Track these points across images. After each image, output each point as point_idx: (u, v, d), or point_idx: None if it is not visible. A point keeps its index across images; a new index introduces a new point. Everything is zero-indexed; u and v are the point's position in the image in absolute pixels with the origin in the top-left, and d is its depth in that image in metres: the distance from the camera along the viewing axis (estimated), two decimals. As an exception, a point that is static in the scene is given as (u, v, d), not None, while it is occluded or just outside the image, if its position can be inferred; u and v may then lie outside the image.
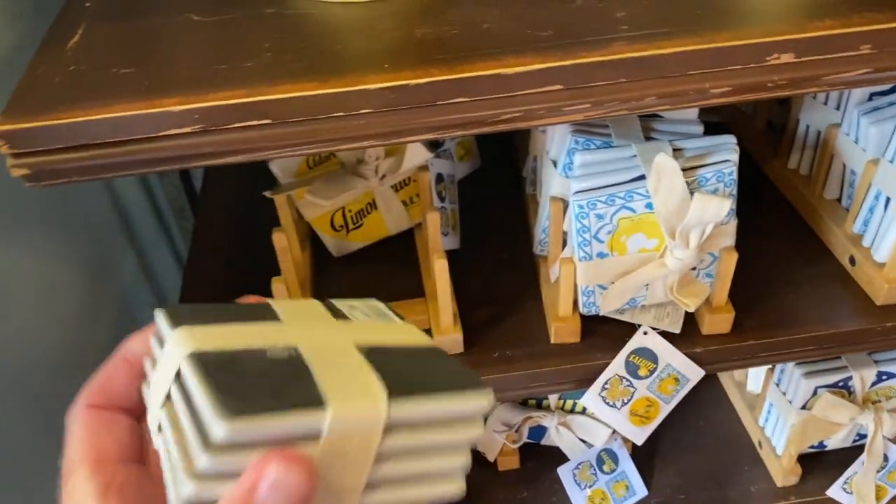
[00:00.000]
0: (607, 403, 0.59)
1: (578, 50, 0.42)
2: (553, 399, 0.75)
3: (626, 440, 0.76)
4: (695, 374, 0.59)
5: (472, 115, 0.43)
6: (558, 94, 0.43)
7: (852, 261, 0.63)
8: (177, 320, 0.27)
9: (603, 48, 0.42)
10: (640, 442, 0.62)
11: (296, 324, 0.30)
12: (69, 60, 0.45)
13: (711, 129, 0.58)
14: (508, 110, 0.43)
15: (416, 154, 0.60)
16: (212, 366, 0.25)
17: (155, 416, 0.27)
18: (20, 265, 0.58)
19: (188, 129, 0.41)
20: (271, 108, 0.41)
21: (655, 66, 0.42)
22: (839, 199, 0.67)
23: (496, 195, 0.76)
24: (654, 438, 0.82)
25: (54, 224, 0.64)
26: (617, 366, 0.58)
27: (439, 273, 0.56)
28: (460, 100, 0.42)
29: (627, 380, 0.59)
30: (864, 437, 0.74)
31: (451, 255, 0.61)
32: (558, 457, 0.77)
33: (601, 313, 0.58)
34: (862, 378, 0.70)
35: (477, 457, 0.79)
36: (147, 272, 0.78)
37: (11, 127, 0.40)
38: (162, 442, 0.26)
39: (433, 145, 0.75)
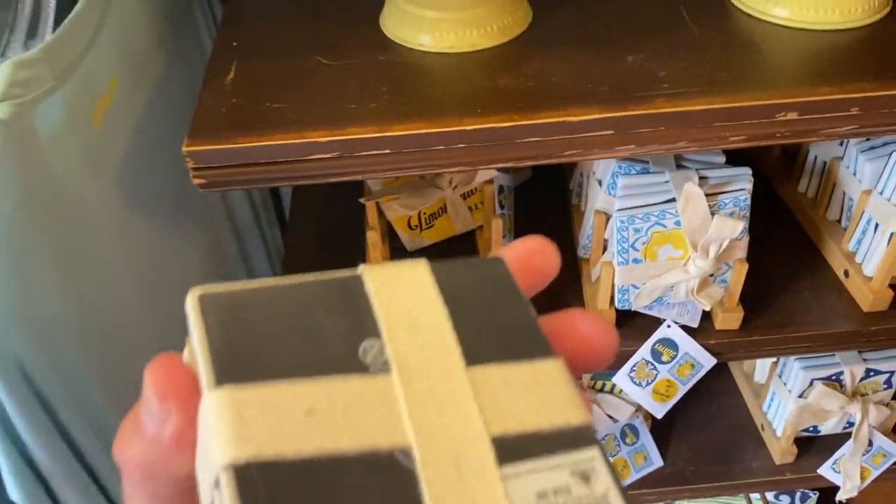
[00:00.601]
0: (634, 382, 0.72)
1: (628, 103, 0.55)
2: (585, 379, 0.87)
3: (646, 417, 0.89)
4: (708, 361, 0.71)
5: (542, 151, 0.55)
6: (611, 138, 0.55)
7: (846, 273, 0.75)
8: (217, 356, 0.21)
9: (648, 103, 0.55)
10: (659, 416, 0.74)
11: (404, 358, 0.22)
12: (230, 94, 0.58)
13: (733, 156, 0.70)
14: (570, 150, 0.55)
15: (485, 173, 0.72)
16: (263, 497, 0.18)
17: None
18: (163, 250, 0.71)
19: (329, 155, 0.54)
20: (391, 141, 0.54)
21: (688, 118, 0.55)
22: (839, 220, 0.79)
23: (544, 204, 0.88)
24: (671, 418, 0.94)
25: (181, 215, 0.77)
26: (644, 352, 0.70)
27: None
28: (534, 139, 0.55)
29: (652, 364, 0.71)
30: (852, 424, 0.86)
31: (508, 254, 0.73)
32: (587, 429, 0.89)
33: (633, 308, 0.71)
34: (852, 373, 0.81)
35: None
36: (244, 256, 0.91)
37: (195, 148, 0.53)
38: None
39: (493, 158, 0.87)
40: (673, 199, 0.64)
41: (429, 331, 0.22)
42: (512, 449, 0.20)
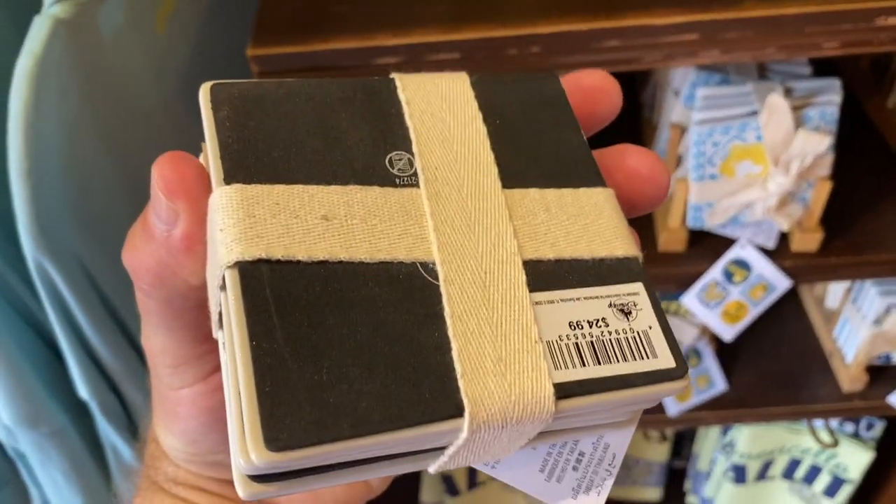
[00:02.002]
0: (704, 304, 0.70)
1: (714, 6, 0.51)
2: (650, 300, 0.86)
3: (710, 340, 0.87)
4: (783, 283, 0.68)
5: (622, 56, 0.52)
6: (695, 43, 0.52)
7: (936, 195, 0.70)
8: (228, 151, 0.19)
9: (736, 6, 0.51)
10: (728, 338, 0.72)
11: (434, 173, 0.20)
12: (292, -4, 0.56)
13: (819, 66, 0.66)
14: (652, 56, 0.52)
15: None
16: (266, 311, 0.17)
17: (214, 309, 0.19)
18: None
19: (394, 60, 0.52)
20: (460, 45, 0.51)
21: (778, 24, 0.51)
22: (932, 138, 0.74)
23: (616, 118, 0.85)
24: (736, 341, 0.92)
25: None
26: (716, 272, 0.68)
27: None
28: (614, 43, 0.52)
29: (723, 285, 0.69)
30: (929, 353, 0.83)
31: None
32: (649, 351, 0.88)
33: (706, 227, 0.68)
34: (933, 300, 0.78)
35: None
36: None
37: (260, 52, 0.52)
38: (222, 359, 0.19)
39: (560, 70, 0.84)
40: (755, 112, 0.61)
41: (464, 146, 0.21)
42: (546, 275, 0.19)
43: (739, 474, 1.12)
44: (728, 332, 0.72)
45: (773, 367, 0.90)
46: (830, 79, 0.62)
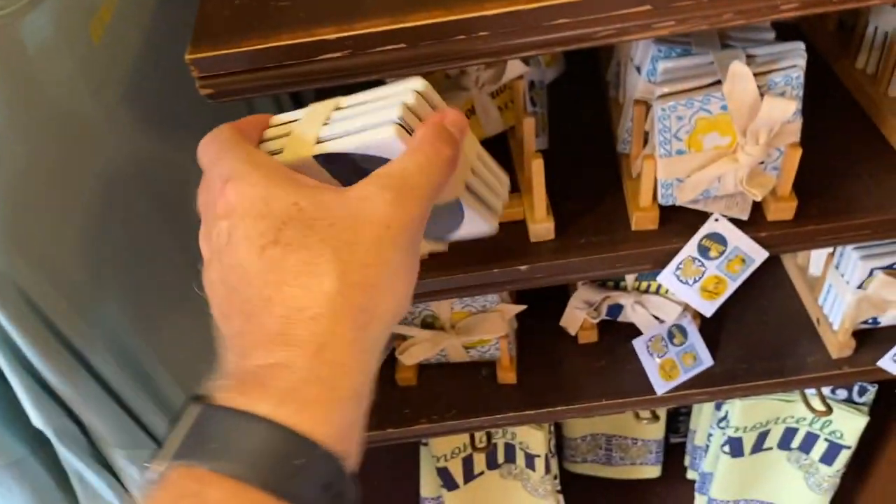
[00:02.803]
0: (680, 281, 0.68)
1: (666, -26, 0.49)
2: (630, 280, 0.84)
3: (694, 317, 0.86)
4: (759, 255, 0.67)
5: (573, 34, 0.51)
6: (648, 13, 0.50)
7: (910, 153, 0.69)
8: None
9: (687, -28, 0.49)
10: (708, 314, 0.71)
11: None
12: (232, -5, 0.54)
13: (783, 31, 0.64)
14: (604, 28, 0.50)
15: (514, 67, 0.68)
16: None
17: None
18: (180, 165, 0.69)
19: (339, 54, 0.50)
20: (407, 34, 0.49)
21: (734, -14, 0.49)
22: (903, 97, 0.72)
23: (580, 98, 0.83)
24: (720, 316, 0.91)
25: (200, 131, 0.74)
26: (690, 248, 0.67)
27: (536, 171, 0.65)
28: (562, 20, 0.50)
29: (699, 260, 0.67)
30: (915, 314, 0.82)
31: (542, 155, 0.69)
32: (632, 332, 0.87)
33: (678, 203, 0.67)
34: (916, 260, 0.77)
35: (559, 331, 0.90)
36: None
37: (199, 56, 0.50)
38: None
39: (523, 53, 0.82)
40: (718, 82, 0.59)
41: None
42: None
43: (736, 448, 1.11)
44: (708, 308, 0.71)
45: (760, 338, 0.89)
46: (794, 42, 0.61)
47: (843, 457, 1.06)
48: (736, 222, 0.66)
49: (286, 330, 0.32)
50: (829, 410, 0.96)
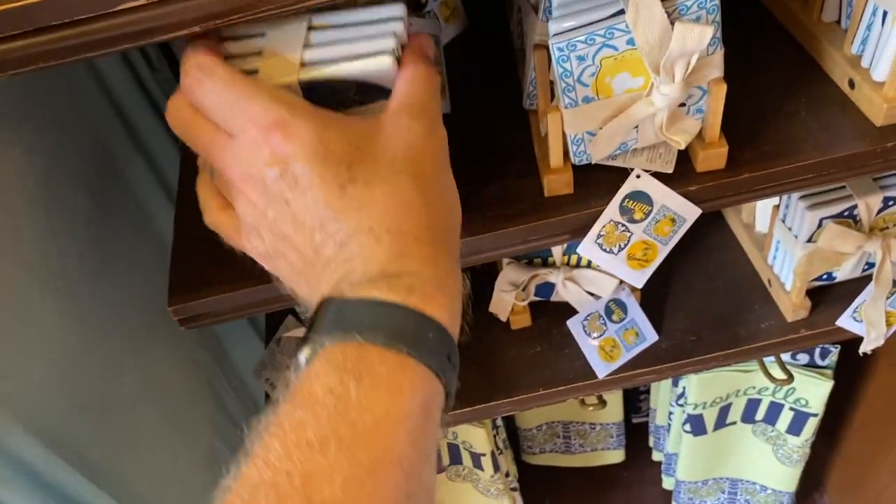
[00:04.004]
0: (604, 250, 0.60)
1: None
2: (558, 255, 0.75)
3: (634, 289, 0.77)
4: (691, 213, 0.59)
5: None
6: (518, -74, 0.41)
7: (851, 84, 0.61)
8: None
9: None
10: (639, 285, 0.63)
11: None
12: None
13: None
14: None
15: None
16: None
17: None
18: (18, 167, 0.59)
19: (143, 2, 0.40)
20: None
21: None
22: (838, 21, 0.64)
23: (486, 56, 0.74)
24: (663, 284, 0.83)
25: (53, 127, 0.64)
26: (611, 212, 0.58)
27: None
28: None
29: (623, 225, 0.59)
30: (872, 265, 0.74)
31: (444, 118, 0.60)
32: (569, 312, 0.78)
33: (593, 161, 0.58)
34: (867, 205, 0.69)
35: (490, 318, 0.81)
36: (153, 168, 0.78)
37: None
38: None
39: (416, 7, 0.73)
40: (621, 12, 0.50)
41: None
42: None
43: (697, 426, 1.03)
44: (638, 279, 0.62)
45: (708, 306, 0.81)
46: (706, -39, 0.52)
47: (811, 425, 0.99)
48: (661, 177, 0.58)
49: (399, 249, 0.37)
50: (791, 378, 0.88)
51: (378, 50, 0.42)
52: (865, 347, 0.77)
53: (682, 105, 0.55)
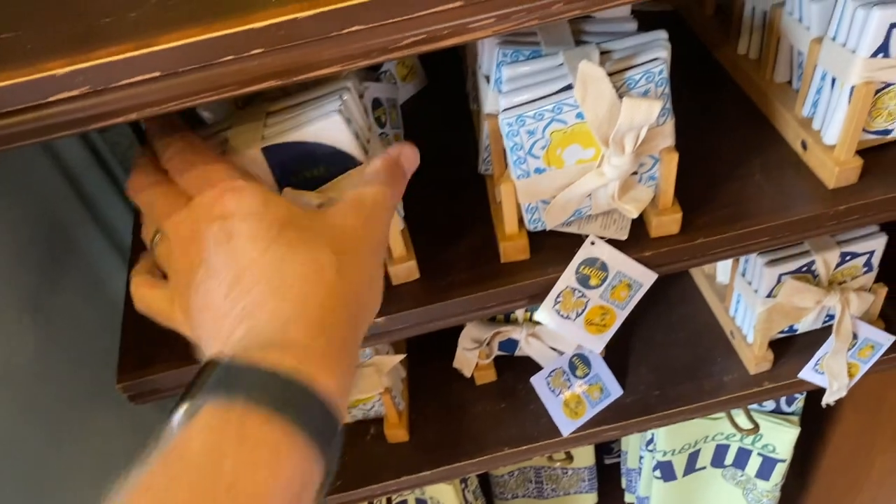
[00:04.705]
0: (562, 316, 0.59)
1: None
2: (520, 312, 0.75)
3: (597, 344, 0.77)
4: (647, 278, 0.58)
5: (372, 44, 0.41)
6: (459, 11, 0.40)
7: (804, 145, 0.61)
8: None
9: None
10: (599, 350, 0.62)
11: None
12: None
13: (660, 20, 0.56)
14: (409, 34, 0.41)
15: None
16: None
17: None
18: None
19: (77, 92, 0.39)
20: (159, 59, 0.39)
21: (556, -33, 0.40)
22: (790, 82, 0.65)
23: (444, 115, 0.74)
24: (626, 337, 0.82)
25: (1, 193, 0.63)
26: (567, 278, 0.57)
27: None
28: (355, 28, 0.40)
29: (580, 291, 0.58)
30: (832, 318, 0.74)
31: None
32: (533, 366, 0.77)
33: (547, 228, 0.57)
34: (825, 261, 0.69)
35: (455, 373, 0.80)
36: (104, 228, 0.77)
37: None
38: None
39: (372, 69, 0.72)
40: (570, 86, 0.50)
41: None
42: None
43: (667, 472, 1.03)
44: (597, 343, 0.61)
45: (672, 359, 0.80)
46: (655, 32, 0.52)
47: (780, 470, 0.99)
48: (616, 244, 0.58)
49: (301, 317, 0.37)
50: (757, 427, 0.88)
51: (326, 112, 0.48)
52: (828, 399, 0.77)
53: (635, 173, 0.55)
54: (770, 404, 0.94)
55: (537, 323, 0.75)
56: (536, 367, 0.77)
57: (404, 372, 0.80)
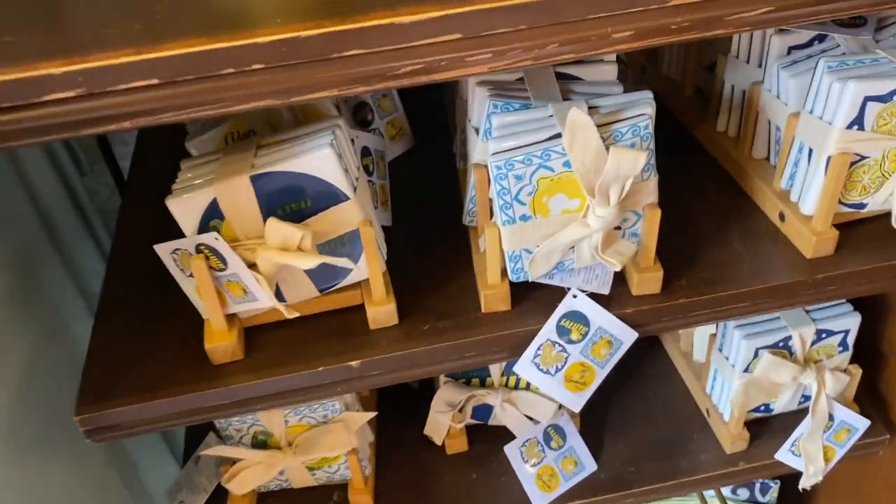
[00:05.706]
0: (541, 370, 0.58)
1: (469, -4, 0.41)
2: (496, 376, 0.74)
3: (573, 415, 0.75)
4: (628, 336, 0.58)
5: (371, 69, 0.42)
6: (458, 44, 0.42)
7: (782, 217, 0.63)
8: None
9: (495, -7, 0.41)
10: (577, 409, 0.61)
11: None
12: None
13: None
14: (408, 62, 0.42)
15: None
16: None
17: None
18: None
19: (72, 93, 0.39)
20: (158, 66, 0.39)
21: (555, 10, 0.42)
22: (767, 158, 0.67)
23: (430, 173, 0.75)
24: (602, 411, 0.81)
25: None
26: (548, 331, 0.57)
27: (367, 240, 0.55)
28: (356, 52, 0.41)
29: (560, 345, 0.58)
30: (808, 398, 0.74)
31: (384, 231, 0.60)
32: (506, 437, 0.76)
33: (530, 279, 0.57)
34: (801, 337, 0.69)
35: (425, 441, 0.78)
36: (74, 273, 0.75)
37: None
38: None
39: (362, 124, 0.74)
40: (558, 135, 0.51)
41: None
42: None
43: (638, 564, 0.98)
44: (576, 402, 0.60)
45: (647, 435, 0.79)
46: (641, 91, 0.54)
47: (754, 565, 0.96)
48: (598, 298, 0.57)
49: None
50: (731, 514, 0.86)
51: (318, 145, 0.50)
52: (805, 483, 0.76)
53: (618, 228, 0.56)
54: (744, 493, 0.92)
55: (513, 388, 0.74)
56: (509, 438, 0.75)
57: (372, 435, 0.77)
